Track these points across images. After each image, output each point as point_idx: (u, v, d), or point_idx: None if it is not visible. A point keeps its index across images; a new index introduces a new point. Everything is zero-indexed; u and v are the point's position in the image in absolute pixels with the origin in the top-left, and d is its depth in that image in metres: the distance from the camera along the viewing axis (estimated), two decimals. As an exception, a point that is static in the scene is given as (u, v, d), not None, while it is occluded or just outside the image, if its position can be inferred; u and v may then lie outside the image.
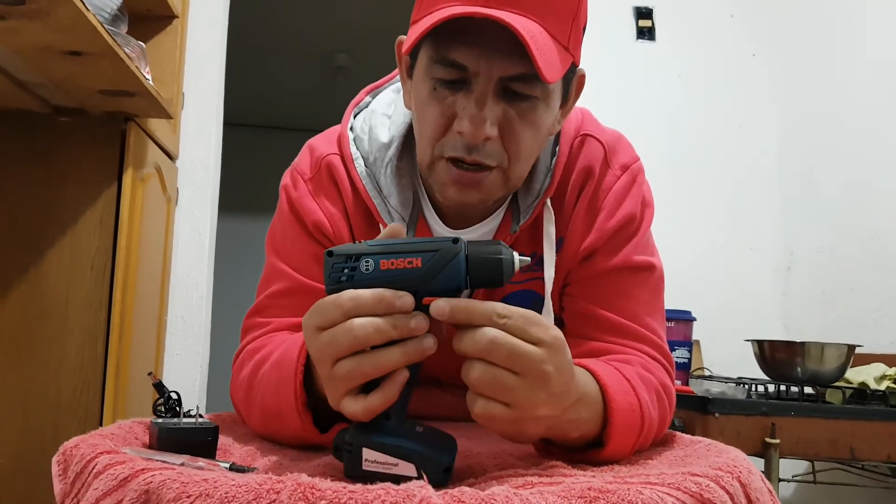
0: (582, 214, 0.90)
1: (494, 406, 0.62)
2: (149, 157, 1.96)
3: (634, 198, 0.90)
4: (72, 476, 0.64)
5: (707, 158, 2.80)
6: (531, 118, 0.78)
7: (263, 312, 0.93)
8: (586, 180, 0.90)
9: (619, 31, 2.81)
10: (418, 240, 0.62)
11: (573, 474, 0.65)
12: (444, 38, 0.75)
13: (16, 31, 1.37)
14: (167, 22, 2.20)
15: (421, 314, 0.61)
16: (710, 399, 1.75)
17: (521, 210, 0.89)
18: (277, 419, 0.79)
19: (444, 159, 0.80)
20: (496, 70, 0.75)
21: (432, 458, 0.62)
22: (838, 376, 1.91)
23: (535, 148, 0.83)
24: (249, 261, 4.63)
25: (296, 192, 0.93)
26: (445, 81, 0.77)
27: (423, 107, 0.80)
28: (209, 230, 2.41)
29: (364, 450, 0.62)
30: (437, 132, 0.79)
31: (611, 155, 0.91)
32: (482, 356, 0.61)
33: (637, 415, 0.76)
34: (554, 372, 0.63)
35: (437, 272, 0.61)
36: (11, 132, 1.77)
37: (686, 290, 2.42)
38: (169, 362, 2.28)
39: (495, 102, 0.76)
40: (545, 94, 0.78)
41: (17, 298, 1.71)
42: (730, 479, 0.63)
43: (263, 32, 4.23)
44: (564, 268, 0.92)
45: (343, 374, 0.61)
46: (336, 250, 0.62)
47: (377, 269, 0.61)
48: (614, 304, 0.89)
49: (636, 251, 0.90)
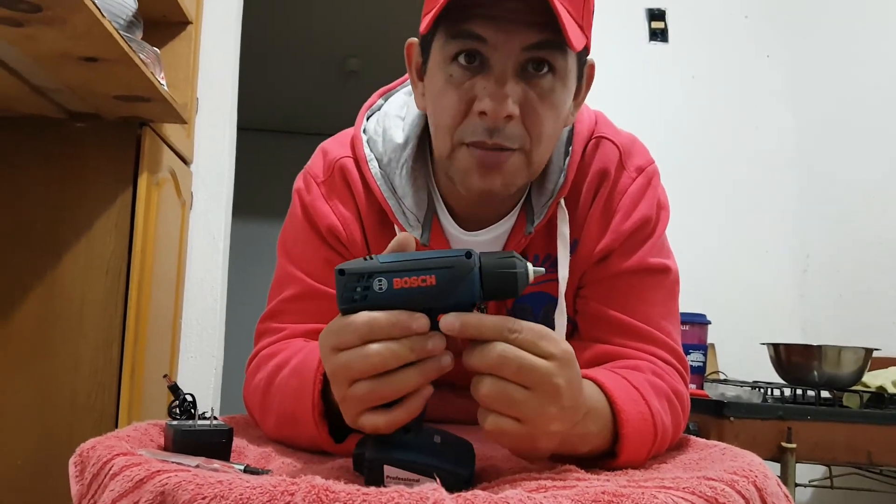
0: (597, 216, 0.89)
1: (505, 421, 0.62)
2: (163, 161, 1.97)
3: (650, 200, 0.90)
4: (88, 477, 0.65)
5: (722, 160, 2.79)
6: (551, 98, 0.77)
7: (277, 317, 0.93)
8: (601, 182, 0.90)
9: (631, 33, 2.81)
10: (430, 255, 0.61)
11: (587, 478, 0.65)
12: (460, 14, 0.74)
13: (33, 37, 1.39)
14: (181, 28, 2.21)
15: (437, 334, 0.60)
16: (725, 403, 1.74)
17: (535, 210, 0.88)
18: (293, 425, 0.79)
19: (464, 145, 0.78)
20: (517, 40, 0.74)
21: (452, 472, 0.62)
22: (855, 380, 1.89)
23: (555, 133, 0.82)
24: (263, 264, 4.66)
25: (308, 196, 0.93)
26: (463, 64, 0.76)
27: (440, 97, 0.79)
28: (223, 233, 2.42)
29: (385, 467, 0.61)
30: (455, 118, 0.78)
31: (626, 157, 0.90)
32: (492, 371, 0.61)
33: (649, 424, 0.75)
34: (564, 386, 0.62)
35: (451, 289, 0.60)
36: (28, 137, 1.79)
37: (701, 293, 2.40)
38: (183, 365, 2.29)
39: (516, 82, 0.75)
40: (563, 71, 0.77)
41: (34, 302, 1.73)
42: (745, 483, 0.63)
43: (276, 37, 4.25)
44: (579, 270, 0.91)
45: (360, 396, 0.60)
46: (348, 268, 0.61)
47: (390, 288, 0.60)
48: (628, 306, 0.88)
49: (651, 253, 0.90)
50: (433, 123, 0.83)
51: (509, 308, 0.93)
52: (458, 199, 0.89)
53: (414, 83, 0.87)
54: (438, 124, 0.80)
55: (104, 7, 1.46)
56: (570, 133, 0.90)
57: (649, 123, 2.71)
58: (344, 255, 0.92)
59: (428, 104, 0.83)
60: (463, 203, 0.89)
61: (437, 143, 0.82)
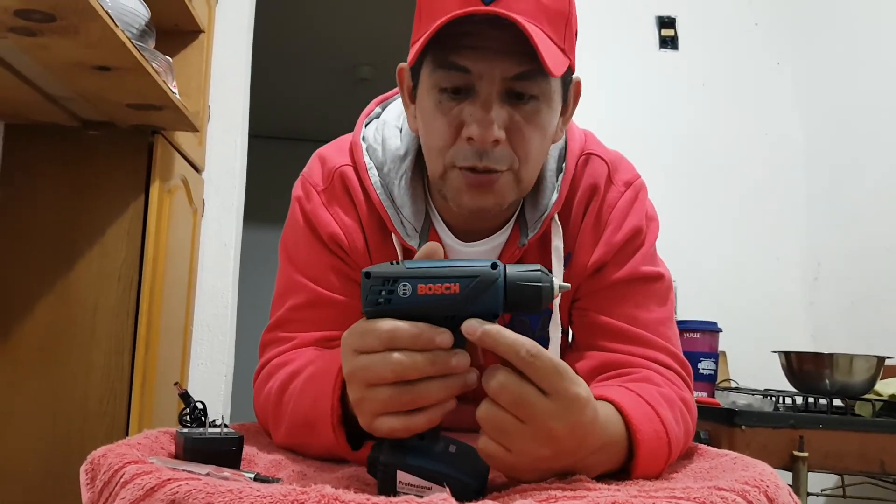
0: (589, 230, 0.92)
1: (493, 446, 0.62)
2: (175, 169, 1.98)
3: (638, 212, 0.92)
4: (100, 485, 0.65)
5: (732, 168, 2.78)
6: (536, 120, 0.79)
7: (284, 327, 0.93)
8: (592, 196, 0.92)
9: (641, 41, 2.81)
10: (457, 263, 0.61)
11: (597, 488, 0.65)
12: (445, 46, 0.76)
13: (47, 47, 1.40)
14: (193, 36, 2.23)
15: (462, 352, 0.60)
16: (736, 411, 1.73)
17: (529, 224, 0.90)
18: (309, 432, 0.79)
19: (455, 168, 0.80)
20: (499, 70, 0.76)
21: (465, 482, 0.62)
22: (868, 388, 1.87)
23: (542, 151, 0.84)
24: (274, 271, 4.65)
25: (309, 204, 0.93)
26: (449, 92, 0.78)
27: (430, 120, 0.81)
28: (234, 241, 2.43)
29: (399, 472, 0.62)
30: (445, 142, 0.80)
31: (613, 172, 0.93)
32: (491, 396, 0.61)
33: (664, 442, 0.75)
34: (562, 430, 0.62)
35: (474, 298, 0.60)
36: (41, 145, 1.80)
37: (711, 300, 2.40)
38: (194, 371, 2.30)
39: (500, 106, 0.77)
40: (547, 94, 0.79)
41: (46, 308, 1.74)
42: (757, 493, 0.63)
43: (287, 45, 4.27)
44: (573, 283, 0.93)
45: (380, 399, 0.60)
46: (374, 271, 0.61)
47: (414, 293, 0.60)
48: (625, 313, 0.89)
49: (644, 262, 0.92)
50: (425, 145, 0.85)
51: (506, 322, 0.94)
52: (452, 214, 0.90)
53: (406, 105, 0.89)
54: (430, 147, 0.83)
55: (117, 16, 1.47)
56: (562, 150, 0.93)
57: (659, 131, 2.71)
58: (347, 262, 0.92)
59: (419, 127, 0.85)
60: (456, 217, 0.90)
61: (430, 165, 0.84)
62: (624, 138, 1.24)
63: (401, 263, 0.62)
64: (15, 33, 1.34)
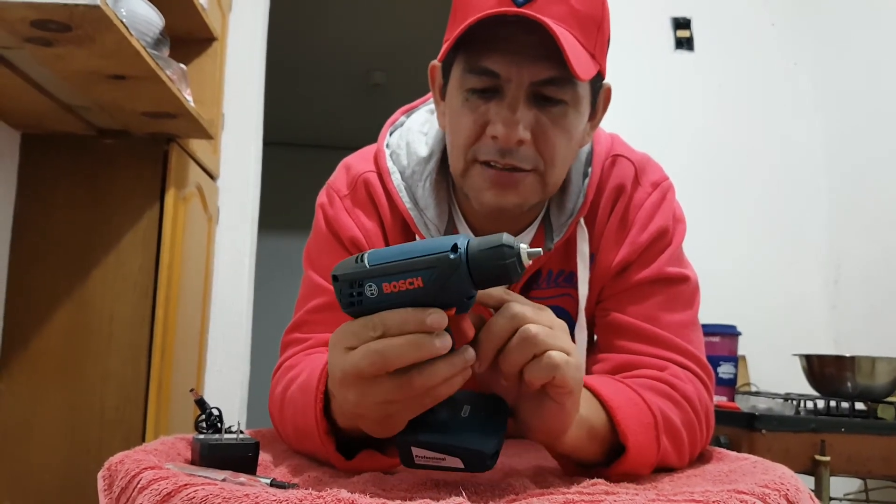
0: (614, 230, 0.91)
1: (558, 354, 0.62)
2: (190, 176, 1.99)
3: (665, 213, 0.92)
4: (117, 491, 0.65)
5: (751, 170, 2.76)
6: (563, 124, 0.80)
7: (302, 328, 0.94)
8: (618, 197, 0.92)
9: (657, 42, 2.79)
10: (416, 252, 0.59)
11: (615, 492, 0.64)
12: (475, 48, 0.77)
13: (62, 56, 1.42)
14: (207, 45, 2.25)
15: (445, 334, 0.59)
16: (756, 415, 1.71)
17: (555, 228, 0.90)
18: (306, 440, 0.79)
19: (477, 163, 0.81)
20: (527, 75, 0.77)
21: (477, 450, 0.62)
22: (890, 391, 1.85)
23: (569, 155, 0.84)
24: (289, 278, 4.69)
25: (332, 210, 0.95)
26: (478, 91, 0.79)
27: (457, 117, 0.82)
28: (249, 248, 2.44)
29: (413, 448, 0.63)
30: (470, 138, 0.81)
31: (641, 173, 0.93)
32: (518, 316, 0.62)
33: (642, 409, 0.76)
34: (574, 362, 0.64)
35: (441, 287, 0.58)
36: (57, 154, 1.82)
37: (732, 304, 2.37)
38: (210, 378, 2.30)
39: (527, 108, 0.78)
40: (575, 99, 0.80)
41: (63, 316, 1.76)
42: (777, 497, 0.62)
43: (301, 52, 4.29)
44: (597, 284, 0.92)
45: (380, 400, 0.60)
46: (340, 274, 0.61)
47: (381, 293, 0.59)
48: (648, 314, 0.88)
49: (669, 263, 0.90)
50: (450, 142, 0.86)
51: None
52: (475, 215, 0.91)
53: (437, 103, 0.90)
54: (454, 143, 0.84)
55: (132, 25, 1.48)
56: (589, 154, 0.93)
57: (675, 133, 2.69)
58: None
59: (447, 122, 0.86)
60: (479, 218, 0.91)
61: (453, 161, 0.85)
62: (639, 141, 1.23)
63: (364, 259, 0.60)
64: (31, 44, 1.36)
